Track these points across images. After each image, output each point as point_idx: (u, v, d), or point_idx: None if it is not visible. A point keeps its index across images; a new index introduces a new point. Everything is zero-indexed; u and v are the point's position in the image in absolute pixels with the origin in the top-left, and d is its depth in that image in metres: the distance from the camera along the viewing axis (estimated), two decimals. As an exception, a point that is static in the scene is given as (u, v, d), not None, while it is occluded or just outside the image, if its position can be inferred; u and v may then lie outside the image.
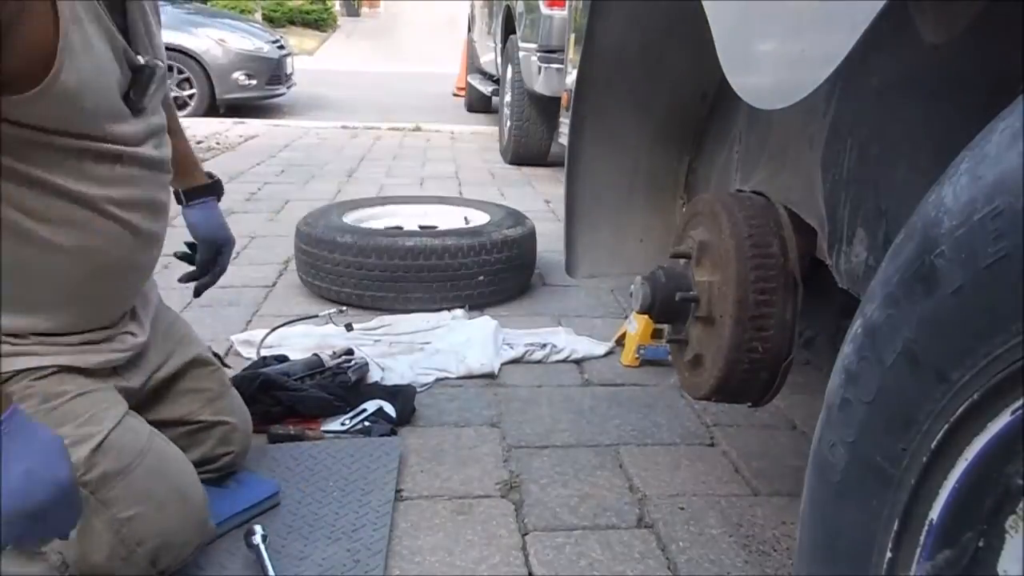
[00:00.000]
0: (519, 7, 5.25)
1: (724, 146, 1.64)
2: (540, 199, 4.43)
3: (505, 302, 2.68)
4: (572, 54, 3.63)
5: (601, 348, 2.31)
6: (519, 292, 2.77)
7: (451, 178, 5.01)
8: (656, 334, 2.25)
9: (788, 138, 1.34)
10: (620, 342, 2.35)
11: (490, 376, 2.12)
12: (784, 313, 1.20)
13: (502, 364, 2.18)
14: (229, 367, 1.57)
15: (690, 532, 1.48)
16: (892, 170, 1.05)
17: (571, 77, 3.37)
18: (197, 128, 6.23)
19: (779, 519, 1.52)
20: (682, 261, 1.36)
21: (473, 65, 8.34)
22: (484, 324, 2.36)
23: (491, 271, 2.60)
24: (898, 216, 1.04)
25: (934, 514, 0.61)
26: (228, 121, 6.94)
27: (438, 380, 2.08)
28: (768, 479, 1.67)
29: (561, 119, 3.69)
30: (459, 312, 2.50)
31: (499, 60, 6.11)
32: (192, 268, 1.68)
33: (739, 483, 1.66)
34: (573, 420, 1.91)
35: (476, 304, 2.59)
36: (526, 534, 1.46)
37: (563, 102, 3.67)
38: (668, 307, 1.32)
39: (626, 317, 2.43)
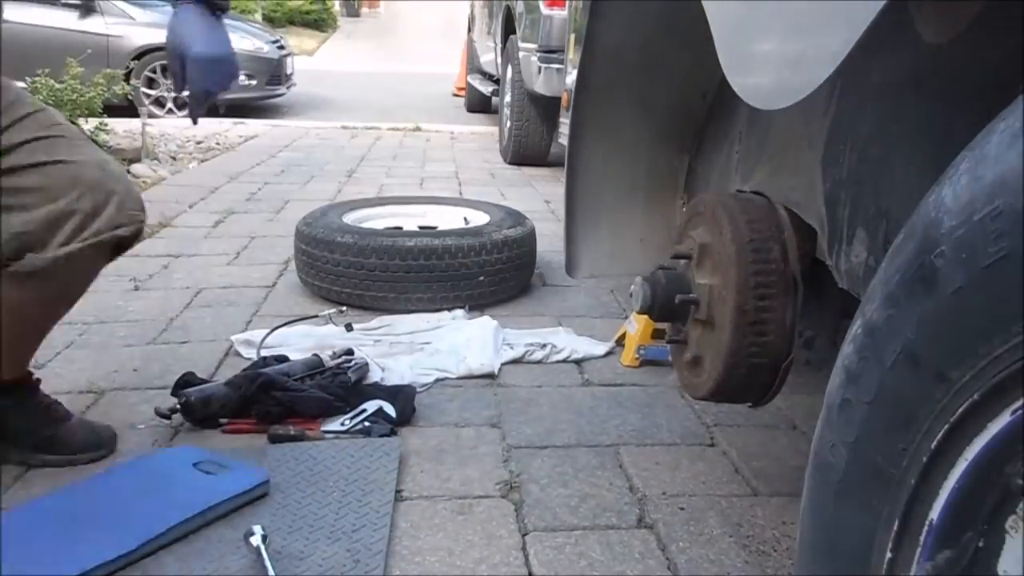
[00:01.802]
0: (519, 7, 5.25)
1: (724, 146, 1.64)
2: (540, 199, 4.43)
3: (505, 302, 2.68)
4: (572, 54, 3.63)
5: (601, 348, 2.31)
6: (519, 292, 2.77)
7: (451, 178, 5.01)
8: (656, 334, 2.25)
9: (788, 138, 1.35)
10: (620, 342, 2.35)
11: (490, 376, 2.12)
12: (784, 316, 1.20)
13: (502, 364, 2.18)
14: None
15: (690, 532, 1.48)
16: (892, 170, 1.05)
17: (571, 77, 3.38)
18: (197, 128, 6.22)
19: (779, 519, 1.53)
20: (683, 262, 1.36)
21: (473, 65, 8.34)
22: (484, 324, 2.36)
23: (491, 271, 2.60)
24: (898, 216, 1.04)
25: (934, 514, 0.61)
26: (228, 121, 6.94)
27: (438, 380, 2.08)
28: (768, 479, 1.67)
29: (561, 119, 3.70)
30: (459, 312, 2.50)
31: (499, 60, 6.11)
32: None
33: (739, 483, 1.66)
34: (573, 420, 1.91)
35: (476, 304, 2.59)
36: (526, 534, 1.46)
37: (563, 102, 3.68)
38: (668, 308, 1.32)
39: (626, 317, 2.43)
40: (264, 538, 1.31)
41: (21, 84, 2.80)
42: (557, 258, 2.29)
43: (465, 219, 2.99)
